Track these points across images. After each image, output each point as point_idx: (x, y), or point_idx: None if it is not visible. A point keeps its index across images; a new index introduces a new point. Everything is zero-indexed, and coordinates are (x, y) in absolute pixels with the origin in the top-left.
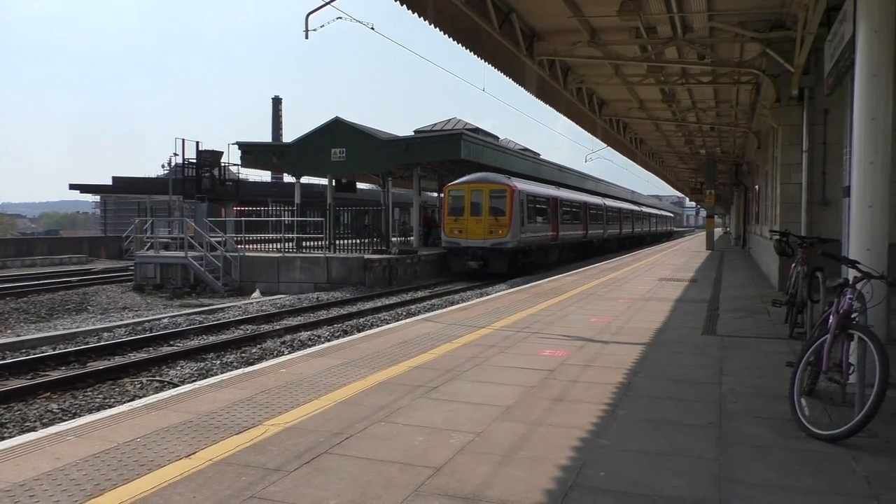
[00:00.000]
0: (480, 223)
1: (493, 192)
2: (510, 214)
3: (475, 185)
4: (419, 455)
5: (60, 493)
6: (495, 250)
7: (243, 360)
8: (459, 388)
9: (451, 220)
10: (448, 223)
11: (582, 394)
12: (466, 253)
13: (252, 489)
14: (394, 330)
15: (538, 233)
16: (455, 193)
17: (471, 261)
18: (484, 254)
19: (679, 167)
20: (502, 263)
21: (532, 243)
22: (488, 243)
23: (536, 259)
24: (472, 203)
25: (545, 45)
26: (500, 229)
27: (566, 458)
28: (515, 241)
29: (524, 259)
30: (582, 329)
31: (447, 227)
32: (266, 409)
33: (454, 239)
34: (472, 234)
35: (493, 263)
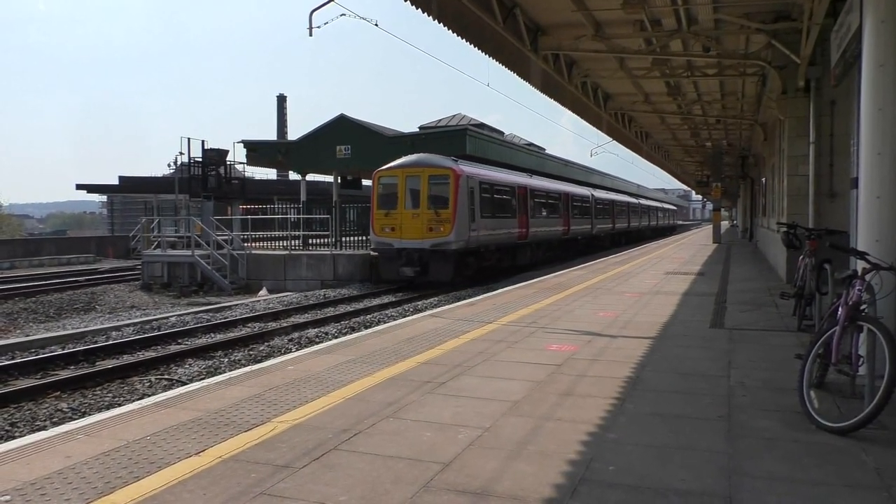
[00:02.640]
0: (418, 218)
1: (434, 177)
2: (454, 206)
3: (411, 170)
4: (428, 451)
5: (72, 492)
6: (436, 252)
7: (251, 358)
8: (467, 383)
9: (381, 214)
10: (377, 219)
11: (590, 388)
12: (400, 256)
13: (262, 486)
14: (401, 326)
15: (499, 229)
16: (386, 180)
17: (405, 266)
18: (422, 257)
19: (685, 160)
20: (445, 269)
21: (489, 243)
22: (427, 243)
23: (498, 262)
24: (407, 192)
25: (549, 40)
26: (441, 225)
27: (575, 453)
28: (463, 241)
29: (479, 262)
30: (589, 323)
31: (376, 223)
32: (275, 406)
33: (385, 239)
34: (408, 233)
35: (433, 269)
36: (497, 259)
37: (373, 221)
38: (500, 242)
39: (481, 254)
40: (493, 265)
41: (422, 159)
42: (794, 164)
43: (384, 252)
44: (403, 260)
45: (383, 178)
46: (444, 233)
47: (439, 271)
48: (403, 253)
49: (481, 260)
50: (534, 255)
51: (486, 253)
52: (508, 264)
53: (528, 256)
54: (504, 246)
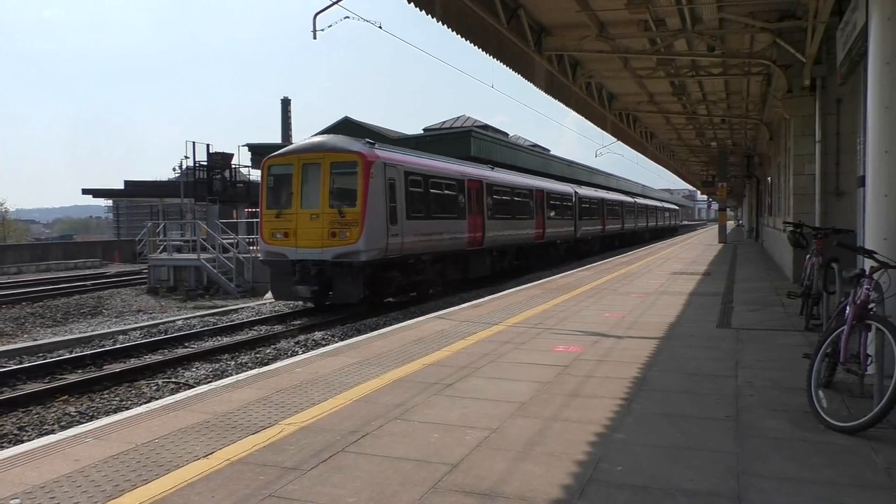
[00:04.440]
0: (318, 220)
1: (338, 165)
2: (364, 203)
3: (308, 156)
4: (435, 452)
5: (80, 495)
6: (340, 266)
7: (258, 361)
8: (474, 384)
9: (271, 215)
10: (267, 221)
11: (597, 389)
12: (294, 271)
13: (270, 488)
14: (408, 328)
15: (439, 234)
16: (278, 170)
17: (300, 284)
18: (322, 272)
19: (690, 160)
20: (351, 288)
21: (422, 251)
22: (328, 253)
23: (440, 275)
24: (304, 185)
25: (553, 40)
26: (347, 229)
27: (582, 453)
28: (377, 249)
29: (407, 277)
30: (596, 324)
31: (265, 227)
32: (282, 409)
33: (276, 248)
34: (305, 240)
35: (337, 288)
36: (438, 271)
37: (261, 224)
38: (441, 250)
39: (410, 266)
40: (429, 279)
41: (324, 142)
42: (800, 163)
43: (276, 265)
44: (298, 276)
45: (274, 167)
46: (351, 239)
47: (344, 290)
48: (297, 266)
49: (411, 274)
50: (495, 263)
51: (418, 265)
52: (457, 277)
53: (486, 266)
54: (447, 255)
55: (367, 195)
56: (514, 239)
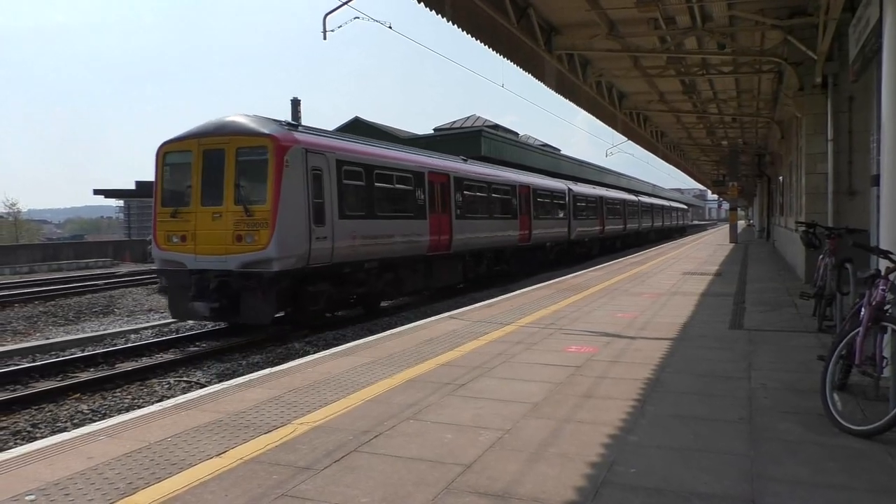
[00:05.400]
0: (221, 220)
1: (244, 151)
2: (275, 198)
3: (211, 140)
4: (449, 453)
5: (94, 492)
6: (248, 277)
7: (269, 361)
8: (487, 385)
9: (166, 214)
10: (161, 222)
11: (610, 390)
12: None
13: (283, 487)
14: (420, 328)
15: (387, 236)
16: (175, 159)
17: (198, 300)
18: (225, 285)
19: (701, 159)
20: (262, 304)
21: (362, 257)
22: (233, 261)
23: (387, 286)
24: (204, 177)
25: (563, 39)
26: (255, 231)
27: (596, 455)
28: (295, 256)
29: (343, 291)
30: (608, 325)
31: (159, 229)
32: (294, 408)
33: (172, 254)
34: (206, 244)
35: (244, 305)
36: (389, 282)
37: (154, 226)
38: (391, 256)
39: (348, 276)
40: (378, 291)
41: (228, 123)
42: (812, 162)
43: (171, 276)
44: (195, 289)
45: (170, 155)
46: (259, 243)
47: (251, 308)
48: (196, 277)
49: (349, 285)
50: (468, 270)
51: (359, 274)
52: (416, 287)
53: (456, 273)
54: (401, 261)
55: (279, 188)
56: (491, 241)
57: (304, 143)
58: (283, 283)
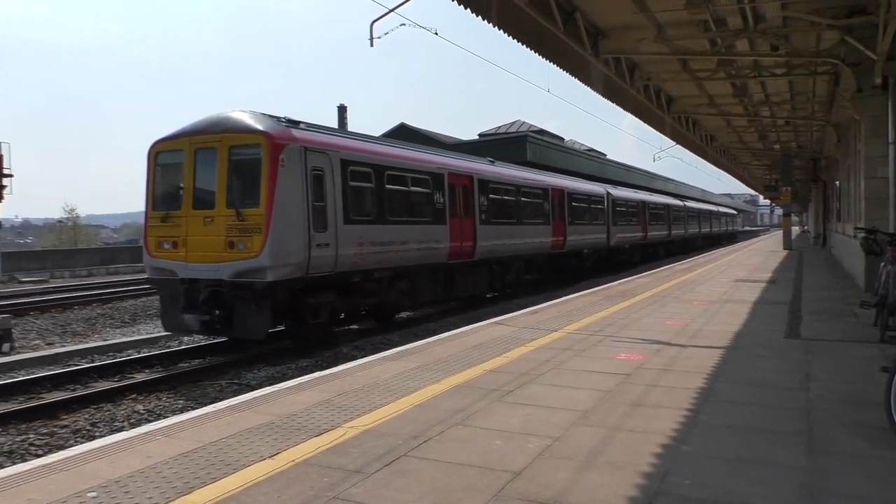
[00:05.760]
0: (213, 225)
1: (237, 150)
2: (269, 201)
3: (203, 139)
4: (498, 459)
5: (153, 490)
6: (240, 287)
7: (317, 364)
8: (535, 391)
9: (157, 218)
10: (152, 227)
11: (661, 398)
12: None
13: (334, 490)
14: (466, 333)
15: (400, 244)
16: (166, 159)
17: (187, 312)
18: (218, 294)
19: (752, 164)
20: (256, 317)
21: (373, 265)
22: (225, 270)
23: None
24: (196, 178)
25: (610, 43)
26: (248, 237)
27: (648, 465)
28: (291, 265)
29: (349, 302)
30: (657, 332)
31: (150, 235)
32: (344, 412)
33: (164, 262)
34: (197, 251)
35: (237, 318)
36: (403, 291)
37: (145, 230)
38: (405, 264)
39: (356, 286)
40: (391, 302)
41: (222, 119)
42: (871, 166)
43: (163, 285)
44: (183, 301)
45: (162, 155)
46: (251, 251)
47: (244, 322)
48: (186, 286)
49: (357, 296)
50: (495, 278)
51: (368, 283)
52: (435, 297)
53: (481, 282)
54: (417, 270)
55: (273, 190)
56: (521, 248)
57: (302, 141)
58: (280, 294)
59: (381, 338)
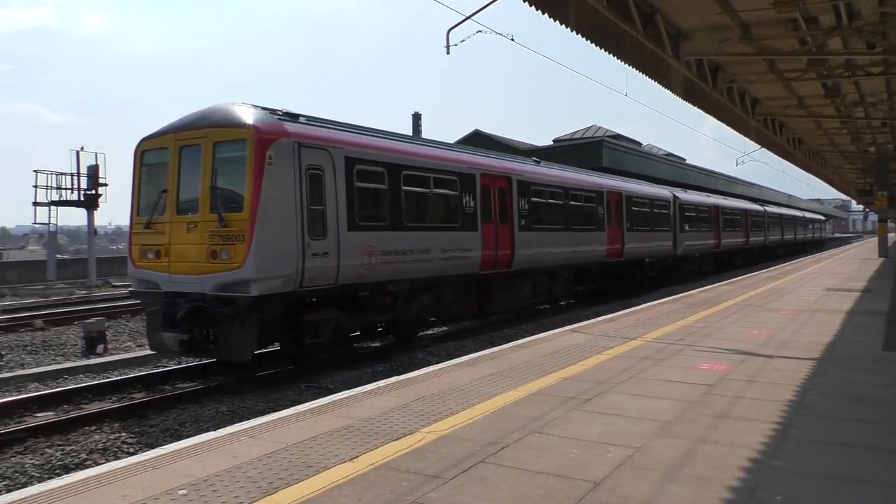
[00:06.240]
0: (196, 233)
1: (221, 147)
2: (254, 204)
3: (188, 135)
4: (577, 468)
5: (239, 490)
6: (224, 303)
7: (393, 369)
8: (613, 400)
9: (140, 224)
10: (136, 234)
11: (748, 411)
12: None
13: (413, 494)
14: (542, 341)
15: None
16: (152, 158)
17: (166, 329)
18: (201, 311)
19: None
20: (240, 337)
21: (386, 277)
22: (208, 283)
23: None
24: (181, 179)
25: (692, 45)
26: (230, 246)
27: (735, 479)
28: (281, 277)
29: (359, 318)
30: (742, 342)
31: (134, 243)
32: (421, 417)
33: (147, 272)
34: (180, 261)
35: (223, 337)
36: (426, 305)
37: (129, 239)
38: (426, 275)
39: (364, 301)
40: (411, 317)
41: (209, 113)
42: None
43: (146, 299)
44: (161, 318)
45: (148, 154)
46: (234, 261)
47: (227, 342)
48: (167, 300)
49: (369, 311)
50: (540, 290)
51: (381, 297)
52: (467, 311)
53: (522, 294)
54: (444, 281)
55: (258, 191)
56: (570, 257)
57: (296, 136)
58: (269, 310)
59: (455, 343)
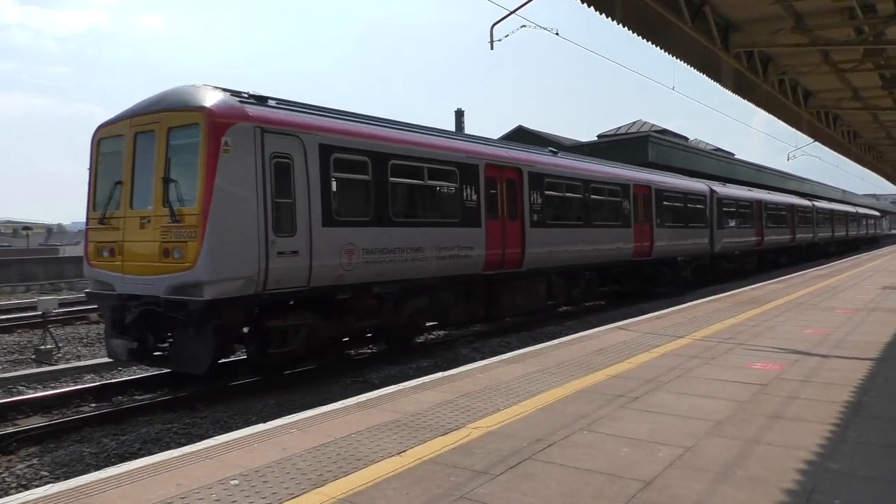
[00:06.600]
0: (149, 229)
1: (175, 133)
2: (207, 196)
3: (142, 120)
4: (626, 467)
5: (289, 481)
6: (177, 306)
7: (437, 365)
8: (662, 399)
9: (95, 220)
10: (92, 230)
11: (802, 412)
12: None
13: (461, 490)
14: (587, 338)
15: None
16: (109, 147)
17: (116, 336)
18: (153, 316)
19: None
20: (194, 346)
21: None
22: (161, 284)
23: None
24: (136, 169)
25: (742, 37)
26: (183, 243)
27: (791, 482)
28: (241, 279)
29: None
30: (795, 341)
31: (91, 239)
32: (467, 413)
33: (101, 271)
34: (134, 260)
35: (178, 346)
36: (419, 309)
37: (85, 236)
38: (418, 276)
39: (345, 305)
40: (402, 322)
41: (165, 95)
42: None
43: (101, 302)
44: (109, 322)
45: (105, 143)
46: (186, 260)
47: (180, 352)
48: (111, 307)
49: (349, 316)
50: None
51: (365, 301)
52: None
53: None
54: (438, 284)
55: (212, 183)
56: (590, 256)
57: (259, 120)
58: (227, 315)
59: (499, 340)
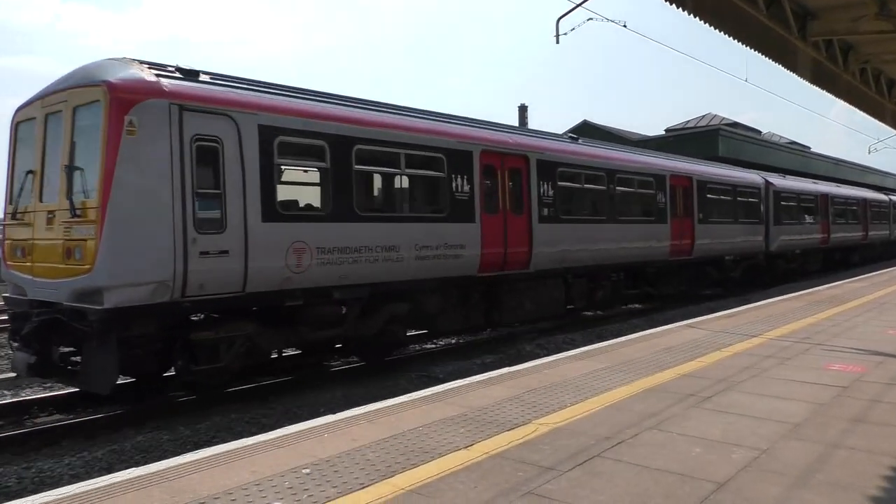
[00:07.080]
0: (54, 225)
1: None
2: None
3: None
4: (698, 468)
5: (359, 471)
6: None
7: (501, 361)
8: (735, 399)
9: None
10: (8, 226)
11: (888, 416)
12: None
13: (528, 485)
14: (656, 336)
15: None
16: (25, 131)
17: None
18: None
19: None
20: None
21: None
22: (63, 289)
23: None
24: (46, 155)
25: (820, 24)
26: (82, 242)
27: (876, 489)
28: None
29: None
30: (878, 342)
31: (7, 236)
32: (534, 408)
33: (14, 273)
34: (41, 260)
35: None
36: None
37: (4, 232)
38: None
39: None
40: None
41: (75, 71)
42: None
43: (14, 307)
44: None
45: (22, 126)
46: (85, 261)
47: (85, 367)
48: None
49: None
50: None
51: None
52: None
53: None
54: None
55: (111, 170)
56: (617, 255)
57: (175, 96)
58: (135, 327)
59: (564, 337)
